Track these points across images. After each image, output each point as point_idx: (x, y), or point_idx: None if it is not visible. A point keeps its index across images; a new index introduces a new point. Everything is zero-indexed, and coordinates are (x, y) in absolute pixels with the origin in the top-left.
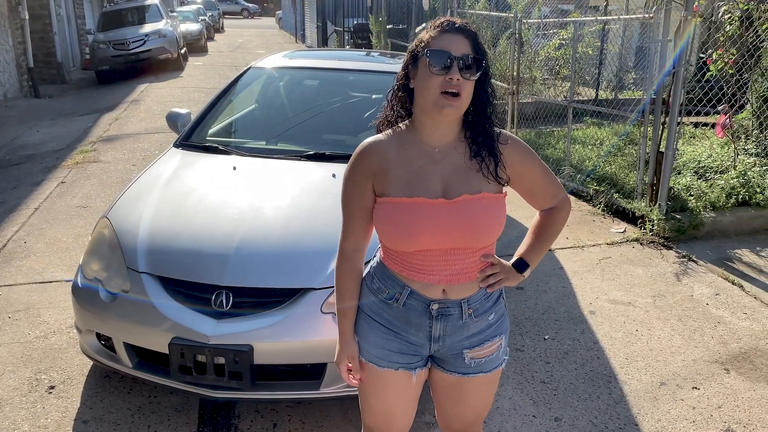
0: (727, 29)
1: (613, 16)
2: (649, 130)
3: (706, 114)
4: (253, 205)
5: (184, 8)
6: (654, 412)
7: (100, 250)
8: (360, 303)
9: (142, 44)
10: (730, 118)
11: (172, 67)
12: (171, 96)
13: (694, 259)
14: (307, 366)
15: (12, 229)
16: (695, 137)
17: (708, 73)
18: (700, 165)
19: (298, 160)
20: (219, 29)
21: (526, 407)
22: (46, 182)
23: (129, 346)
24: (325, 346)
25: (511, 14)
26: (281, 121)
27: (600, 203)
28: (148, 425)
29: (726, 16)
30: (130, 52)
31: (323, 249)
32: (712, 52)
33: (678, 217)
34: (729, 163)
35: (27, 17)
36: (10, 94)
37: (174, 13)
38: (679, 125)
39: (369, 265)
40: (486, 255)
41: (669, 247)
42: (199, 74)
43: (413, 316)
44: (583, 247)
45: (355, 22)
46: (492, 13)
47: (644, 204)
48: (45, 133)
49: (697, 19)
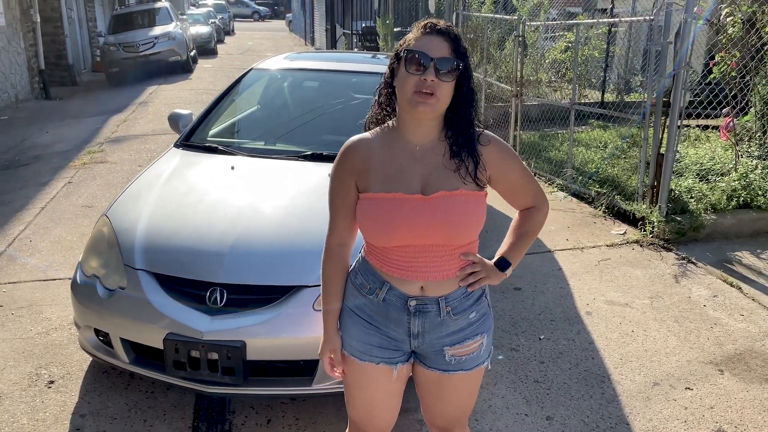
0: (729, 32)
1: (614, 19)
2: (650, 133)
3: (716, 116)
4: (250, 205)
5: (195, 11)
6: (646, 412)
7: (99, 248)
8: (344, 298)
9: (152, 47)
10: (733, 121)
11: (182, 69)
12: (179, 98)
13: (694, 261)
14: (300, 363)
15: (18, 228)
16: (700, 140)
17: (710, 76)
18: (703, 167)
19: (296, 161)
20: (229, 32)
21: (519, 406)
22: (53, 182)
23: (126, 342)
24: (316, 343)
25: (514, 17)
26: (280, 122)
27: (602, 205)
28: (144, 420)
29: (728, 19)
30: (140, 54)
31: (317, 248)
32: (714, 54)
33: (678, 219)
34: (731, 166)
35: (38, 20)
36: (21, 96)
37: (184, 16)
38: (686, 128)
39: (354, 262)
40: (466, 253)
41: (669, 249)
42: (207, 76)
43: (392, 312)
44: (582, 248)
45: (363, 25)
46: (496, 16)
47: (645, 206)
48: (54, 134)
49: (699, 22)
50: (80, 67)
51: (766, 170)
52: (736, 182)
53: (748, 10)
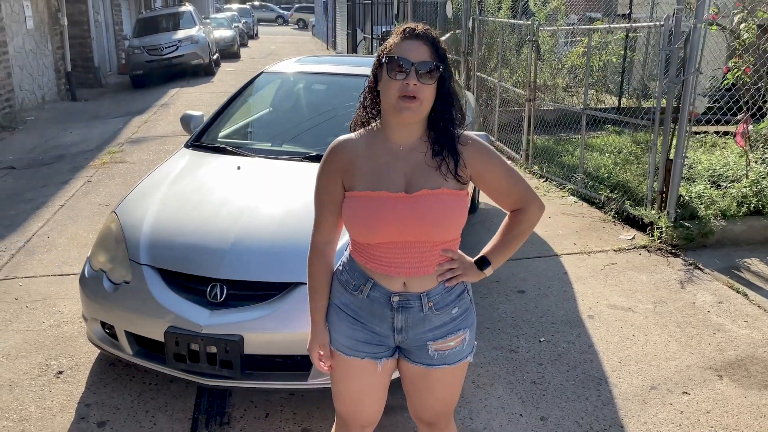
0: (744, 38)
1: (623, 24)
2: (660, 138)
3: (737, 123)
4: (253, 203)
5: (219, 15)
6: (641, 415)
7: (106, 243)
8: (331, 294)
9: (175, 50)
10: (748, 127)
11: (204, 72)
12: (200, 100)
13: (701, 267)
14: (297, 358)
15: (37, 225)
16: (717, 146)
17: (724, 81)
18: (716, 173)
19: (302, 161)
20: (253, 36)
21: (514, 406)
22: (73, 181)
23: (130, 335)
24: None
25: (528, 22)
26: (288, 124)
27: (611, 210)
28: (146, 410)
29: (741, 25)
30: (164, 57)
31: None
32: (727, 60)
33: (687, 224)
34: (743, 172)
35: (66, 23)
36: (48, 97)
37: (207, 20)
38: (703, 134)
39: (340, 260)
40: (446, 250)
41: (676, 255)
42: (229, 79)
43: (376, 308)
44: (589, 253)
45: (383, 30)
46: (511, 21)
47: (653, 211)
48: (77, 135)
49: (713, 28)
50: (106, 70)
51: None
52: (747, 189)
53: (763, 16)
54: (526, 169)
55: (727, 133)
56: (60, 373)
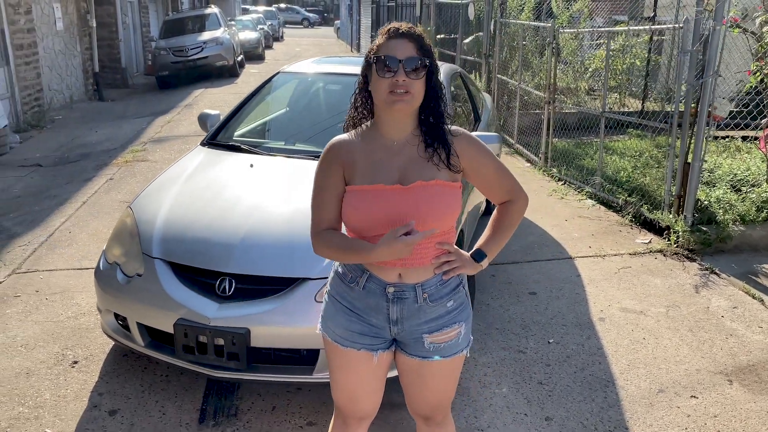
0: (766, 40)
1: (641, 27)
2: (678, 142)
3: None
4: (264, 200)
5: (244, 17)
6: (647, 418)
7: (121, 237)
8: (327, 286)
9: (200, 51)
10: None
11: (228, 73)
12: (223, 101)
13: (717, 272)
14: (303, 352)
15: (60, 220)
16: (741, 150)
17: (747, 85)
18: (736, 178)
19: (314, 160)
20: (278, 38)
21: (520, 406)
22: (96, 178)
23: (141, 326)
24: (317, 333)
25: (548, 24)
26: (302, 123)
27: (628, 214)
28: (156, 400)
29: (765, 28)
30: (189, 58)
31: None
32: (752, 63)
33: (704, 229)
34: (764, 177)
35: (95, 25)
36: (76, 97)
37: (232, 22)
38: (727, 138)
39: None
40: (442, 242)
41: (693, 259)
42: (253, 81)
43: (372, 299)
44: (604, 256)
45: None
46: (532, 23)
47: (670, 215)
48: (102, 134)
49: (735, 31)
50: (133, 71)
51: None
52: (767, 193)
53: None
54: (544, 171)
55: (755, 138)
56: (75, 362)
